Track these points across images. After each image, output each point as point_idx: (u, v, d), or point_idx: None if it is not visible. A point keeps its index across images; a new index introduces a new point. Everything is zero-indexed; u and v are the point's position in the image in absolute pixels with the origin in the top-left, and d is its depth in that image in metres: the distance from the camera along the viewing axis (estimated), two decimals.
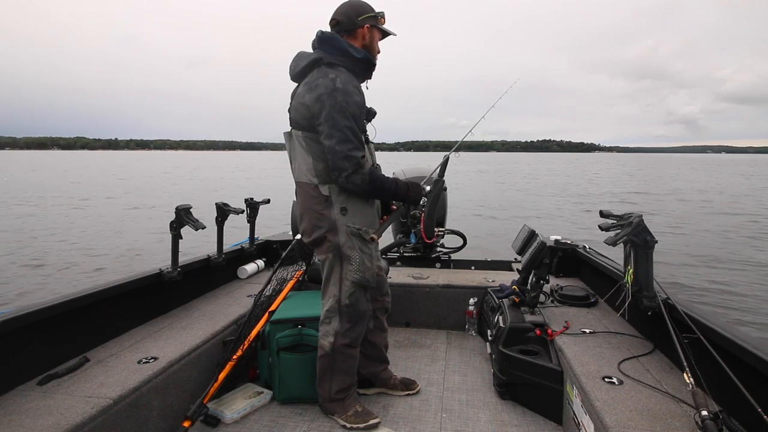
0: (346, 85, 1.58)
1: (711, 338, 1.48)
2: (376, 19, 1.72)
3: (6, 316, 1.51)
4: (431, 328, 2.92)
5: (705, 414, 1.23)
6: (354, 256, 1.72)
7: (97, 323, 1.87)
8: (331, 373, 1.83)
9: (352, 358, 1.84)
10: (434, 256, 3.53)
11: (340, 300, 1.76)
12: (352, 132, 1.58)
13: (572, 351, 1.83)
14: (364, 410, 1.85)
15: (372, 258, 1.78)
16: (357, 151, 1.58)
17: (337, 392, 1.84)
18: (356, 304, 1.78)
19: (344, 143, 1.56)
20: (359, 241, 1.72)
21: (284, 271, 2.49)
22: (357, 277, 1.73)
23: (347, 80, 1.60)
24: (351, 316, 1.79)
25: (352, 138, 1.58)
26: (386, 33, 1.78)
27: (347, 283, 1.74)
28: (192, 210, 2.27)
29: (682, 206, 16.09)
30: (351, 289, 1.75)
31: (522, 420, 1.90)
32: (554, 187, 24.76)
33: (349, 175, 1.58)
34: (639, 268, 1.82)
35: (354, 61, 1.67)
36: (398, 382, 2.12)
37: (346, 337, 1.79)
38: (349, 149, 1.57)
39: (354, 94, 1.60)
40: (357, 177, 1.59)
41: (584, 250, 2.91)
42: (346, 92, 1.57)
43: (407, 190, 1.75)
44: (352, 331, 1.80)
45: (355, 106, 1.59)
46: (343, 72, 1.62)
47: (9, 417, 1.32)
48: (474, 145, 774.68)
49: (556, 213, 14.40)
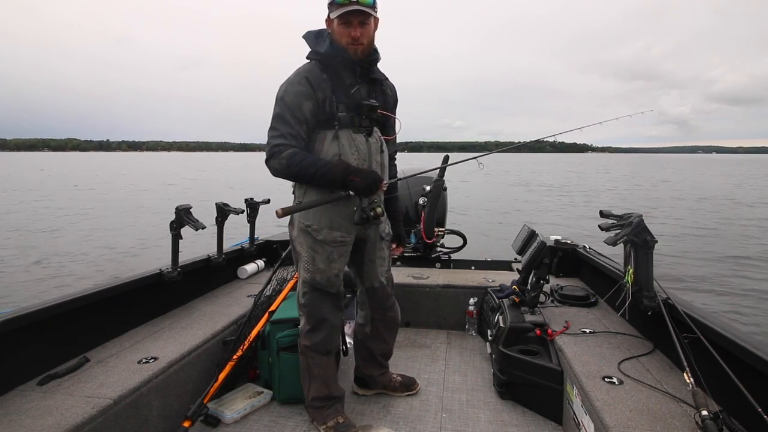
0: (295, 76, 1.60)
1: (711, 338, 1.48)
2: (329, 7, 1.60)
3: (6, 316, 1.51)
4: (431, 328, 2.92)
5: (705, 414, 1.23)
6: (303, 253, 1.68)
7: (97, 323, 1.87)
8: (309, 376, 1.78)
9: (320, 366, 1.75)
10: (434, 256, 3.53)
11: (298, 298, 1.75)
12: (280, 120, 1.58)
13: (572, 351, 1.83)
14: (346, 422, 1.76)
15: (329, 260, 1.67)
16: (277, 138, 1.57)
17: (313, 399, 1.78)
18: (312, 305, 1.71)
19: (270, 131, 1.59)
20: (309, 238, 1.66)
21: (284, 271, 2.49)
22: (306, 276, 1.69)
23: (300, 72, 1.61)
24: (309, 318, 1.73)
25: (276, 125, 1.58)
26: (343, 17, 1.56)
27: (300, 281, 1.73)
28: (192, 210, 2.27)
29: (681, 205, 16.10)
30: (303, 288, 1.71)
31: (522, 420, 1.90)
32: (554, 187, 24.77)
33: (266, 160, 1.59)
34: (639, 268, 1.82)
35: (323, 55, 1.63)
36: (398, 384, 2.09)
37: (307, 338, 1.74)
38: (271, 136, 1.58)
39: (296, 84, 1.58)
40: (274, 161, 1.57)
41: (584, 250, 2.91)
42: (290, 83, 1.60)
43: (347, 174, 1.52)
44: (313, 335, 1.73)
45: (292, 95, 1.58)
46: (308, 65, 1.63)
47: (9, 417, 1.32)
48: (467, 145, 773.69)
49: (556, 213, 14.40)
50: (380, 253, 1.86)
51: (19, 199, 17.29)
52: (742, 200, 18.56)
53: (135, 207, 15.07)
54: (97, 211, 13.98)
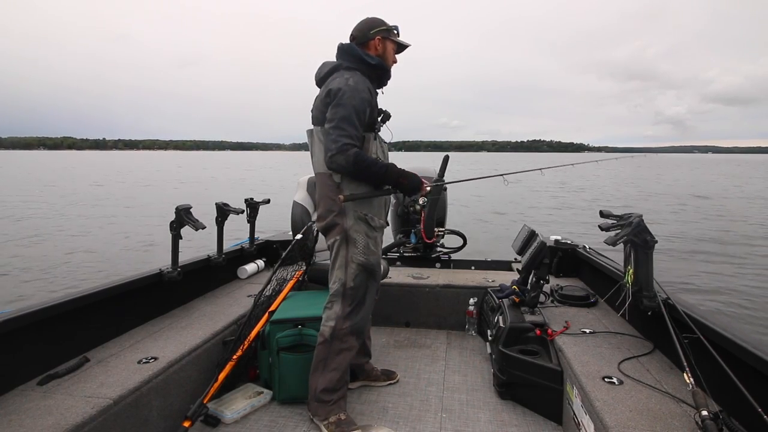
0: (356, 83, 1.74)
1: (711, 338, 1.48)
2: (389, 32, 1.87)
3: (6, 316, 1.51)
4: (431, 328, 2.92)
5: (705, 414, 1.23)
6: (359, 240, 1.80)
7: (97, 323, 1.87)
8: (323, 366, 1.83)
9: (349, 350, 1.84)
10: (434, 256, 3.53)
11: (345, 283, 1.82)
12: (348, 121, 1.69)
13: (572, 351, 1.83)
14: (347, 419, 1.81)
15: (377, 245, 1.86)
16: (345, 137, 1.68)
17: (323, 392, 1.81)
18: (360, 287, 1.82)
19: (336, 129, 1.69)
20: (365, 225, 1.80)
21: (284, 271, 2.49)
22: (362, 260, 1.80)
23: (359, 80, 1.76)
24: (353, 299, 1.82)
25: (345, 126, 1.69)
26: (400, 44, 1.93)
27: (353, 266, 1.80)
28: (192, 210, 2.27)
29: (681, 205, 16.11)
30: (356, 272, 1.80)
31: (522, 420, 1.90)
32: (554, 186, 24.77)
33: (333, 155, 1.68)
34: (639, 268, 1.82)
35: (369, 66, 1.82)
36: (379, 373, 2.22)
37: (347, 320, 1.82)
38: (339, 134, 1.68)
39: (362, 91, 1.73)
40: (340, 157, 1.67)
41: (584, 250, 2.92)
42: (355, 89, 1.72)
43: (399, 176, 1.79)
44: (354, 314, 1.82)
45: (360, 101, 1.71)
46: (358, 74, 1.78)
47: (9, 417, 1.33)
48: (464, 145, 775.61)
49: (556, 213, 14.41)
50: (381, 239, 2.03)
51: (18, 200, 17.28)
52: (742, 200, 18.57)
53: (135, 207, 15.07)
54: (96, 211, 13.98)
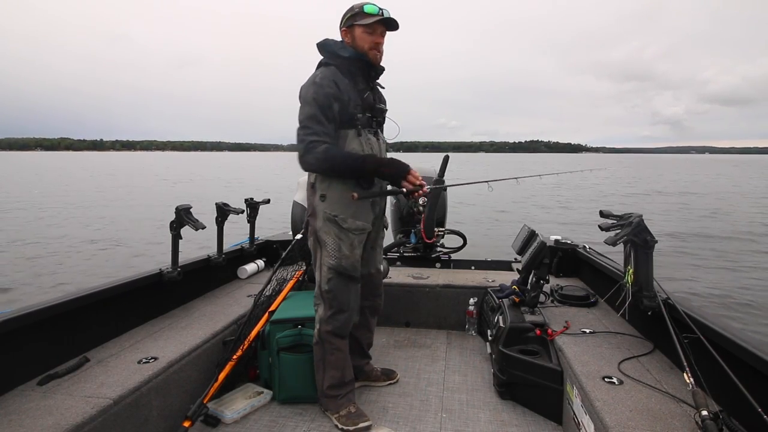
0: (322, 79, 1.69)
1: (711, 338, 1.48)
2: (353, 17, 1.74)
3: (6, 316, 1.51)
4: (431, 328, 2.92)
5: (705, 414, 1.23)
6: (329, 241, 1.76)
7: (97, 323, 1.87)
8: (323, 365, 1.86)
9: (339, 350, 1.84)
10: (434, 256, 3.53)
11: (320, 285, 1.82)
12: (313, 119, 1.67)
13: (572, 351, 1.83)
14: (357, 411, 1.85)
15: (352, 247, 1.78)
16: (311, 135, 1.66)
17: (329, 388, 1.86)
18: (335, 291, 1.79)
19: (302, 129, 1.68)
20: (335, 227, 1.75)
21: (284, 271, 2.49)
22: (332, 263, 1.77)
23: (326, 75, 1.70)
24: (331, 303, 1.80)
25: (310, 124, 1.67)
26: (369, 25, 1.71)
27: (324, 268, 1.79)
28: (192, 210, 2.27)
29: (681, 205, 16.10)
30: (328, 275, 1.78)
31: (522, 420, 1.90)
32: (553, 186, 24.77)
33: (302, 156, 1.67)
34: (639, 268, 1.82)
35: (345, 60, 1.75)
36: (379, 373, 2.21)
37: (329, 323, 1.81)
38: (305, 134, 1.66)
39: (325, 86, 1.68)
40: (309, 156, 1.66)
41: (584, 250, 2.91)
42: (317, 85, 1.68)
43: (378, 166, 1.70)
44: (335, 319, 1.81)
45: (323, 96, 1.67)
46: (330, 69, 1.73)
47: (9, 417, 1.32)
48: (463, 145, 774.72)
49: (556, 213, 14.40)
50: (380, 241, 2.02)
51: (19, 200, 17.28)
52: (742, 200, 18.57)
53: (134, 207, 15.06)
54: (96, 212, 13.97)
